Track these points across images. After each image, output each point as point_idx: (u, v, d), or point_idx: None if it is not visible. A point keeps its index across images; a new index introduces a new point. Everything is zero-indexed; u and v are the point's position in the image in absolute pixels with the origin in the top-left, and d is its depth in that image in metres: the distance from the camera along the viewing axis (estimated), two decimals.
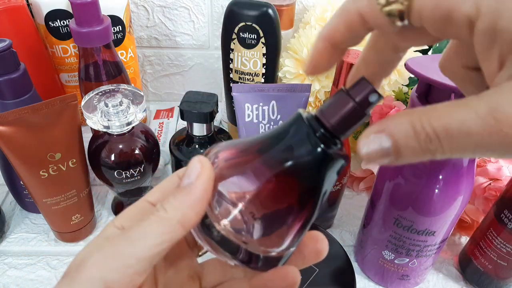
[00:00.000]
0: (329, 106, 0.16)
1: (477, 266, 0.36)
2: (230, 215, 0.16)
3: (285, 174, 0.16)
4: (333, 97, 0.16)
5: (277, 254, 0.17)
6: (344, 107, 0.15)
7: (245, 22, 0.41)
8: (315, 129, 0.16)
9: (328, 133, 0.16)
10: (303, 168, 0.16)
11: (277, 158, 0.16)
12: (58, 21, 0.45)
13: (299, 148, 0.16)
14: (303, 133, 0.16)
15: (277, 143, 0.16)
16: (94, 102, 0.35)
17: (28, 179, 0.34)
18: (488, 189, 0.36)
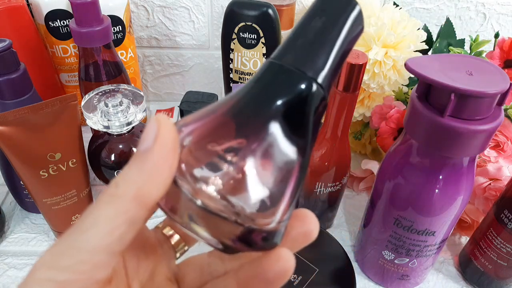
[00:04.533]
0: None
1: (477, 266, 0.36)
2: (212, 182, 0.13)
3: (274, 124, 0.14)
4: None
5: (273, 228, 0.14)
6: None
7: (245, 22, 0.41)
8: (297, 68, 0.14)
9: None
10: (294, 113, 0.14)
11: (261, 108, 0.14)
12: (58, 21, 0.45)
13: (284, 92, 0.14)
14: (284, 75, 0.14)
15: (257, 92, 0.14)
16: (94, 102, 0.35)
17: (28, 179, 0.34)
18: (488, 189, 0.36)
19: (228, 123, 0.14)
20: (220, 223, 0.13)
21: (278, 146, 0.14)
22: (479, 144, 0.26)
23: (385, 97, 0.42)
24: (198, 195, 0.13)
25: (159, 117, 0.13)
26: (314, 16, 0.14)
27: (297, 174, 0.14)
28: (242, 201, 0.13)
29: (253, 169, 0.13)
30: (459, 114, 0.25)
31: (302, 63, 0.14)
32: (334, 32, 0.14)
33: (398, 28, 0.40)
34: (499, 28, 0.54)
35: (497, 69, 0.26)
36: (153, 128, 0.13)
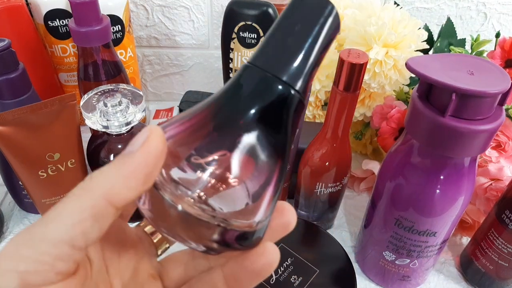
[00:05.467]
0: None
1: (478, 267, 0.35)
2: (192, 187, 0.13)
3: (251, 127, 0.14)
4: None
5: (255, 228, 0.14)
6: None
7: (245, 22, 0.40)
8: (273, 73, 0.14)
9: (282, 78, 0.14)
10: (270, 116, 0.14)
11: (238, 112, 0.14)
12: (57, 20, 0.45)
13: (260, 96, 0.14)
14: (261, 80, 0.14)
15: (234, 96, 0.14)
16: (93, 102, 0.35)
17: (27, 179, 0.34)
18: (489, 189, 0.36)
19: (207, 128, 0.14)
20: (201, 227, 0.13)
21: (257, 149, 0.14)
22: (480, 144, 0.26)
23: (386, 97, 0.42)
24: (178, 201, 0.13)
25: (153, 127, 0.13)
26: (291, 18, 0.14)
27: (276, 175, 0.15)
28: (223, 204, 0.13)
29: (233, 173, 0.14)
30: (460, 114, 0.25)
31: (278, 67, 0.14)
32: (310, 35, 0.14)
33: (398, 28, 0.39)
34: (500, 27, 0.54)
35: (498, 69, 0.26)
36: (143, 135, 0.13)
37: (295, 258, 0.29)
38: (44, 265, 0.12)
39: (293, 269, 0.28)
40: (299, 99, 0.15)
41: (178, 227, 0.14)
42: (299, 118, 0.15)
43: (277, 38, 0.14)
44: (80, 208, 0.12)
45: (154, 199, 0.14)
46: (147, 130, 0.13)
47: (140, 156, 0.13)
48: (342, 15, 0.46)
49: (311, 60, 0.14)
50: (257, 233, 0.15)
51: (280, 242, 0.30)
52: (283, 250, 0.29)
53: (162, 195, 0.13)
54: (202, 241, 0.14)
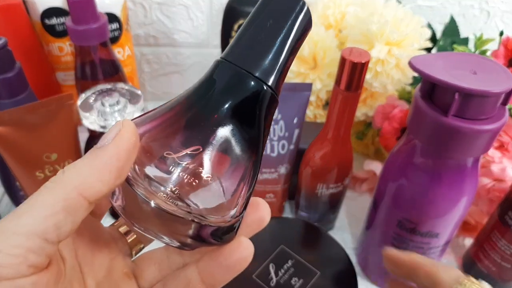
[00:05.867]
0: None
1: (480, 269, 0.35)
2: (165, 183, 0.13)
3: (224, 122, 0.14)
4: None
5: (229, 223, 0.14)
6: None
7: (244, 19, 0.40)
8: (245, 69, 0.14)
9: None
10: (243, 111, 0.14)
11: (211, 107, 0.14)
12: (54, 18, 0.45)
13: (233, 91, 0.14)
14: (233, 75, 0.14)
15: (207, 92, 0.14)
16: (91, 102, 0.35)
17: (24, 180, 0.34)
18: (492, 190, 0.36)
19: (180, 123, 0.14)
20: (175, 223, 0.13)
21: (230, 144, 0.14)
22: (483, 144, 0.26)
23: (388, 96, 0.42)
24: (152, 196, 0.13)
25: (125, 121, 0.13)
26: (263, 14, 0.14)
27: (250, 170, 0.15)
28: (197, 199, 0.13)
29: (206, 168, 0.14)
30: (463, 114, 0.25)
31: (250, 63, 0.14)
32: (282, 31, 0.14)
33: (401, 26, 0.39)
34: (503, 26, 0.54)
35: (501, 68, 0.26)
36: (115, 129, 0.13)
37: (295, 260, 0.29)
38: (16, 258, 0.12)
39: (293, 271, 0.28)
40: (271, 94, 0.15)
41: (152, 223, 0.13)
42: (272, 114, 0.15)
43: (250, 34, 0.14)
44: (53, 200, 0.12)
45: (127, 195, 0.14)
46: (119, 124, 0.13)
47: (112, 149, 0.13)
48: (344, 12, 0.45)
49: (283, 56, 0.14)
50: (231, 228, 0.15)
51: (280, 243, 0.30)
52: (283, 251, 0.29)
53: (135, 190, 0.13)
54: (176, 236, 0.14)
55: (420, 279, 0.23)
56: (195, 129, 0.14)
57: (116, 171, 0.13)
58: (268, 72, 0.14)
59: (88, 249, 0.17)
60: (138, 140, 0.13)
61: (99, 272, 0.17)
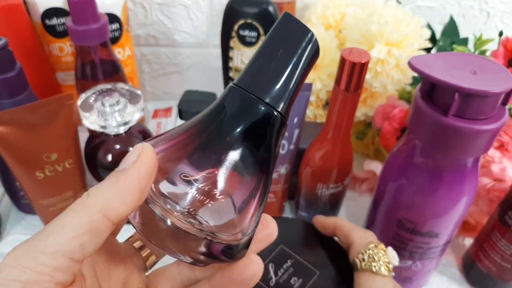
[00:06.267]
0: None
1: (480, 269, 0.35)
2: (181, 202, 0.14)
3: (236, 145, 0.15)
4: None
5: (241, 239, 0.15)
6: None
7: (244, 20, 0.40)
8: (256, 95, 0.15)
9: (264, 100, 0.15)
10: (254, 135, 0.15)
11: (224, 130, 0.15)
12: (54, 19, 0.45)
13: (245, 116, 0.15)
14: (245, 101, 0.15)
15: (221, 115, 0.15)
16: (91, 102, 0.35)
17: (24, 180, 0.34)
18: (492, 190, 0.36)
19: (195, 144, 0.15)
20: (189, 240, 0.14)
21: (242, 166, 0.15)
22: (483, 144, 0.26)
23: (388, 96, 0.42)
24: (167, 215, 0.14)
25: (144, 145, 0.14)
26: (274, 44, 0.15)
27: (261, 190, 0.16)
28: (210, 218, 0.14)
29: (219, 188, 0.15)
30: (463, 114, 0.25)
31: (261, 90, 0.15)
32: (292, 60, 0.15)
33: (401, 26, 0.39)
34: (503, 26, 0.54)
35: (501, 68, 0.26)
36: (135, 153, 0.14)
37: (295, 259, 0.29)
38: (44, 276, 0.13)
39: (293, 271, 0.28)
40: (281, 120, 0.16)
41: (167, 240, 0.14)
42: (281, 136, 0.16)
43: (261, 62, 0.15)
44: (78, 222, 0.13)
45: (145, 213, 0.14)
46: (139, 148, 0.14)
47: (133, 172, 0.14)
48: (343, 13, 0.45)
49: (292, 83, 0.15)
50: (243, 245, 0.15)
51: (280, 243, 0.30)
52: (283, 251, 0.29)
53: (152, 209, 0.14)
54: (190, 253, 0.14)
55: (340, 238, 0.26)
56: (209, 151, 0.15)
57: (138, 193, 0.14)
58: (278, 99, 0.15)
59: (105, 266, 0.17)
60: (157, 163, 0.14)
61: (116, 286, 0.18)
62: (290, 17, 0.15)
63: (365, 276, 0.25)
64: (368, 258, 0.25)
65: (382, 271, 0.24)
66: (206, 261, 0.15)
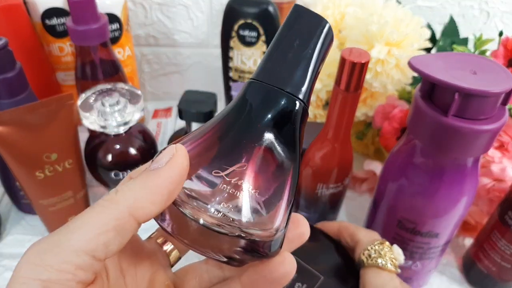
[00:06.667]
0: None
1: (480, 269, 0.35)
2: (211, 201, 0.14)
3: (263, 139, 0.15)
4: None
5: (273, 237, 0.15)
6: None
7: (245, 20, 0.40)
8: (277, 86, 0.15)
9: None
10: (280, 126, 0.15)
11: (250, 123, 0.15)
12: (54, 19, 0.45)
13: (269, 107, 0.15)
14: (267, 93, 0.15)
15: (243, 111, 0.15)
16: (91, 102, 0.35)
17: (24, 180, 0.34)
18: (492, 190, 0.36)
19: (222, 143, 0.15)
20: (222, 239, 0.14)
21: (271, 159, 0.15)
22: (483, 144, 0.26)
23: (388, 96, 0.42)
24: (199, 215, 0.14)
25: (178, 146, 0.14)
26: (289, 34, 0.15)
27: (289, 184, 0.15)
28: (242, 215, 0.14)
29: (249, 185, 0.14)
30: (463, 114, 0.25)
31: (282, 81, 0.15)
32: (309, 49, 0.15)
33: (401, 26, 0.39)
34: (503, 26, 0.54)
35: (501, 68, 0.26)
36: (169, 152, 0.14)
37: (299, 264, 0.28)
38: (66, 274, 0.12)
39: (296, 276, 0.27)
40: (303, 108, 0.16)
41: (200, 240, 0.14)
42: (304, 126, 0.16)
43: (278, 54, 0.15)
44: (105, 219, 0.13)
45: (174, 215, 0.14)
46: (173, 149, 0.14)
47: (166, 172, 0.13)
48: (344, 13, 0.45)
49: (310, 72, 0.15)
50: (276, 242, 0.15)
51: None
52: None
53: (182, 210, 0.14)
54: (224, 252, 0.14)
55: (345, 239, 0.26)
56: (237, 146, 0.15)
57: (168, 193, 0.13)
58: (298, 88, 0.15)
59: (131, 262, 0.17)
60: (188, 164, 0.14)
61: (142, 284, 0.17)
62: (302, 8, 0.15)
63: (372, 272, 0.25)
64: (374, 254, 0.25)
65: (389, 267, 0.24)
66: (240, 259, 0.15)
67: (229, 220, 0.14)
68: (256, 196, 0.14)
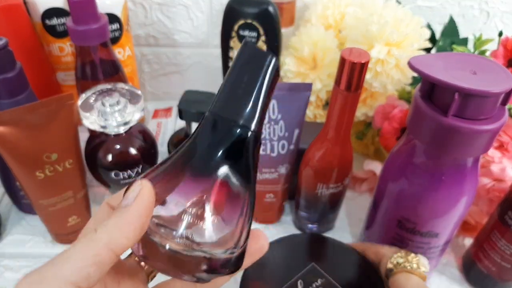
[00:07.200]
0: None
1: (480, 269, 0.35)
2: (176, 228, 0.15)
3: (220, 166, 0.17)
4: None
5: (235, 254, 0.16)
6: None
7: (245, 20, 0.40)
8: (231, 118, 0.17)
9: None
10: (235, 154, 0.17)
11: (208, 155, 0.17)
12: (54, 19, 0.45)
13: (223, 138, 0.17)
14: (222, 125, 0.17)
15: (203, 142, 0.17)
16: (91, 102, 0.35)
17: (24, 180, 0.34)
18: (492, 190, 0.36)
19: (184, 173, 0.17)
20: (190, 261, 0.15)
21: (228, 185, 0.17)
22: (483, 144, 0.26)
23: (387, 97, 0.42)
24: (166, 241, 0.15)
25: (143, 182, 0.16)
26: (239, 70, 0.17)
27: (247, 205, 0.17)
28: (205, 238, 0.16)
29: (211, 210, 0.16)
30: (463, 114, 0.25)
31: (235, 113, 0.17)
32: (257, 83, 0.17)
33: (401, 26, 0.39)
34: (503, 26, 0.54)
35: (501, 68, 0.26)
36: (136, 189, 0.16)
37: (325, 279, 0.28)
38: None
39: None
40: (255, 136, 0.17)
41: (169, 265, 0.16)
42: (258, 152, 0.18)
43: (231, 88, 0.17)
44: (86, 255, 0.15)
45: (146, 243, 0.16)
46: (139, 185, 0.16)
47: (134, 209, 0.15)
48: (343, 13, 0.45)
49: (260, 103, 0.17)
50: (238, 259, 0.17)
51: (312, 261, 0.29)
52: (313, 269, 0.28)
53: (152, 239, 0.15)
54: (193, 272, 0.16)
55: (369, 257, 0.28)
56: (197, 177, 0.17)
57: (139, 228, 0.15)
58: (250, 119, 0.17)
59: (115, 280, 0.18)
60: (154, 198, 0.16)
61: None
62: (250, 43, 0.17)
63: (402, 277, 0.25)
64: (401, 260, 0.26)
65: (419, 270, 0.25)
66: (208, 278, 0.16)
67: (194, 244, 0.15)
68: (216, 221, 0.16)
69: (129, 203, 0.15)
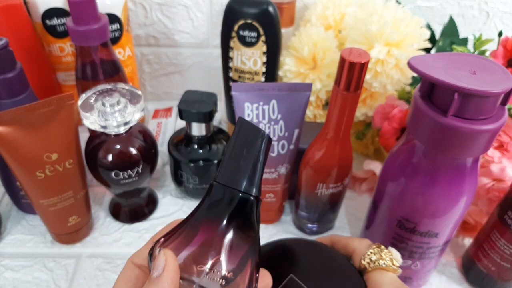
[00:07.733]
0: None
1: (480, 268, 0.35)
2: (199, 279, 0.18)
3: (229, 230, 0.20)
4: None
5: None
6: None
7: (245, 20, 0.40)
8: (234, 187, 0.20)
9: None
10: (240, 217, 0.20)
11: (216, 220, 0.20)
12: (55, 19, 0.45)
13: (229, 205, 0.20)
14: (226, 193, 0.20)
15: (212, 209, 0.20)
16: (91, 102, 0.35)
17: (25, 179, 0.34)
18: (491, 190, 0.36)
19: (200, 239, 0.20)
20: None
21: (238, 244, 0.20)
22: (483, 144, 0.26)
23: (387, 97, 0.42)
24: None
25: (166, 252, 0.19)
26: (239, 145, 0.21)
27: (254, 258, 0.20)
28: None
29: (226, 268, 0.19)
30: (462, 114, 0.25)
31: (238, 183, 0.20)
32: (255, 156, 0.21)
33: (400, 26, 0.39)
34: (502, 26, 0.54)
35: (500, 68, 0.26)
36: (162, 260, 0.18)
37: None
38: None
39: None
40: (256, 198, 0.21)
41: None
42: (259, 210, 0.21)
43: (232, 160, 0.21)
44: None
45: None
46: (163, 255, 0.18)
47: (166, 277, 0.18)
48: (343, 13, 0.45)
49: (258, 172, 0.21)
50: None
51: (290, 272, 0.25)
52: (292, 282, 0.25)
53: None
54: None
55: (340, 251, 0.27)
56: (210, 241, 0.20)
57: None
58: (250, 186, 0.20)
59: None
60: (178, 265, 0.18)
61: None
62: (244, 121, 0.21)
63: (376, 274, 0.25)
64: (375, 258, 0.25)
65: (392, 266, 0.25)
66: None
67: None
68: (232, 276, 0.19)
69: (159, 273, 0.18)
